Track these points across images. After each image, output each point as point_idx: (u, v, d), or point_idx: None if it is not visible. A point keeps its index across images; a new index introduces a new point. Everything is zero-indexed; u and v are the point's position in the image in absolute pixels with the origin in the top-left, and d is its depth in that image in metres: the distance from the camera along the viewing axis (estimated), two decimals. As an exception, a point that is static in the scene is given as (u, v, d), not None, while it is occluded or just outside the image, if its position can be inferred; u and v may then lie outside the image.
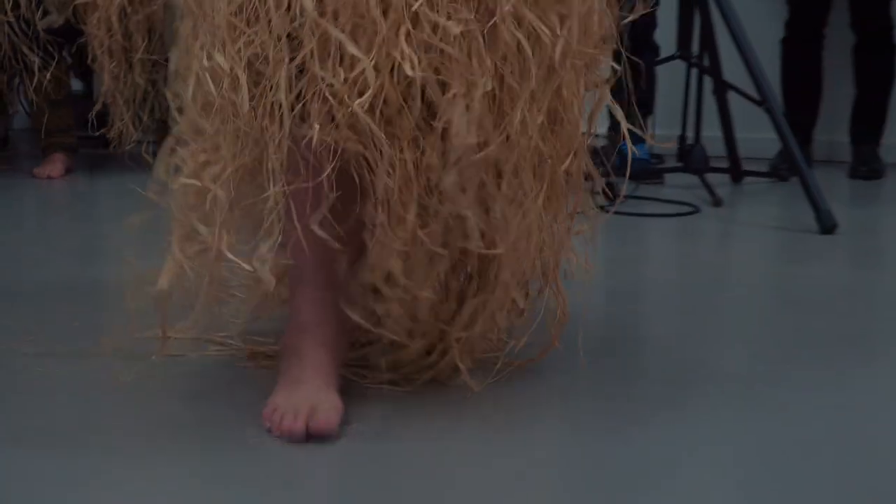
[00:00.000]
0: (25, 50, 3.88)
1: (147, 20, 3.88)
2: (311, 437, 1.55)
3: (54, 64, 3.95)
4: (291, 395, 1.62)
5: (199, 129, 1.69)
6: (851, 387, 1.85)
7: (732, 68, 3.57)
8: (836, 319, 2.31)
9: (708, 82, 3.80)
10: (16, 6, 3.83)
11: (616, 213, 1.99)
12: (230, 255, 1.65)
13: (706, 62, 3.73)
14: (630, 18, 1.83)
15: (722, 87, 3.77)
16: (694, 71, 3.79)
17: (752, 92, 3.44)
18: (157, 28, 3.89)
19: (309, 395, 1.61)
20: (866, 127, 4.35)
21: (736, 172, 3.93)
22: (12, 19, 3.85)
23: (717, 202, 3.49)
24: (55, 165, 4.10)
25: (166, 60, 3.87)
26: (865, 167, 4.25)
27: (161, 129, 4.21)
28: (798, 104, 4.28)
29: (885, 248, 3.25)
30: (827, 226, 3.15)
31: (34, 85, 3.96)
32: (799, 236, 3.18)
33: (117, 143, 4.01)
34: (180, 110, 1.73)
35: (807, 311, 2.37)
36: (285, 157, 1.59)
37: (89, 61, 4.03)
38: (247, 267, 1.65)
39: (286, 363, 1.68)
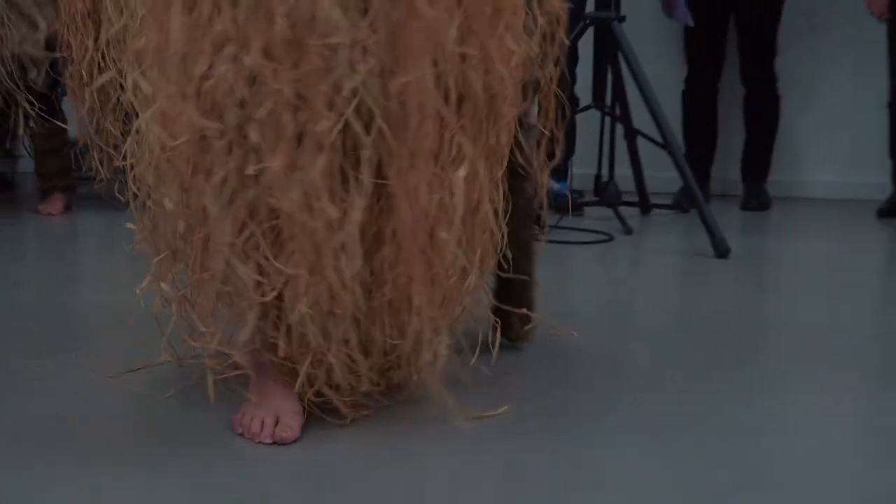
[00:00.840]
0: (24, 103, 3.77)
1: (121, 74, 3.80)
2: (278, 442, 1.56)
3: (46, 115, 3.84)
4: (259, 403, 1.62)
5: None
6: (751, 390, 1.88)
7: (640, 117, 3.57)
8: (731, 333, 2.32)
9: (619, 129, 3.83)
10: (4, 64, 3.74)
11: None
12: None
13: (618, 112, 3.74)
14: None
15: (632, 133, 3.81)
16: (607, 119, 3.79)
17: (658, 137, 3.42)
18: None
19: (274, 403, 1.61)
20: (755, 166, 4.40)
21: (644, 206, 3.95)
22: (5, 77, 3.76)
23: (628, 231, 3.51)
24: (55, 204, 4.03)
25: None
26: (755, 200, 4.28)
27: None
28: (697, 147, 4.32)
29: (772, 270, 3.28)
30: (721, 251, 3.17)
31: (31, 135, 3.91)
32: (698, 260, 3.20)
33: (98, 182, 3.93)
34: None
35: (705, 327, 2.38)
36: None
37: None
38: None
39: (254, 376, 1.66)
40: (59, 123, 4.00)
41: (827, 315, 2.52)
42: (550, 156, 1.93)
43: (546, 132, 1.95)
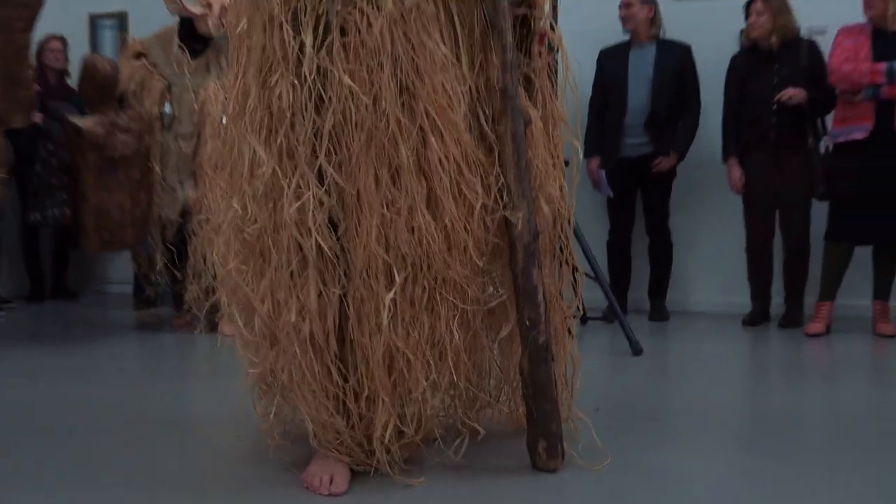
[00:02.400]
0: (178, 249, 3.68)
1: None
2: (332, 494, 1.59)
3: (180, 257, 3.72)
4: (319, 466, 1.64)
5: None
6: (661, 449, 1.93)
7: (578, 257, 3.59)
8: (645, 409, 2.36)
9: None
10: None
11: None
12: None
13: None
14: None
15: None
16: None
17: (591, 272, 3.46)
18: None
19: (329, 465, 1.64)
20: (658, 290, 4.38)
21: (583, 317, 3.92)
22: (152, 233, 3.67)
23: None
24: (184, 319, 3.86)
25: None
26: (657, 314, 4.28)
27: None
28: (617, 277, 4.32)
29: (672, 363, 3.29)
30: (637, 351, 3.20)
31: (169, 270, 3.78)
32: (620, 357, 3.20)
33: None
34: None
35: (627, 405, 2.40)
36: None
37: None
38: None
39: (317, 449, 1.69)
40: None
41: (711, 394, 2.56)
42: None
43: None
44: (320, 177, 1.53)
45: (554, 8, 2.46)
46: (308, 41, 1.51)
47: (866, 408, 2.41)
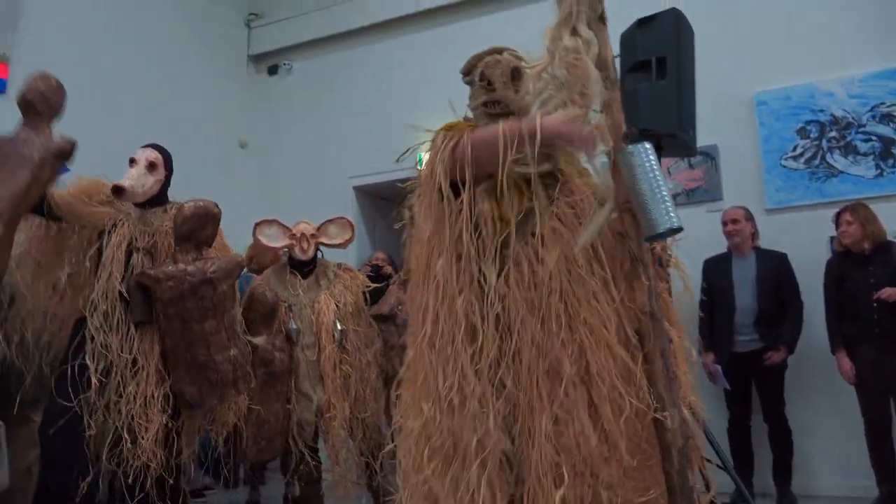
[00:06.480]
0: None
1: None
2: None
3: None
4: None
5: None
6: None
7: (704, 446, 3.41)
8: None
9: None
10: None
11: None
12: None
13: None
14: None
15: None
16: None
17: (716, 458, 3.29)
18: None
19: None
20: (781, 475, 4.08)
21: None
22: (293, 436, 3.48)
23: (706, 523, 3.22)
24: None
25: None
26: (785, 499, 3.96)
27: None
28: (742, 464, 4.06)
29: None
30: (773, 538, 2.91)
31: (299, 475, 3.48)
32: (759, 545, 2.92)
33: None
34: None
35: None
36: None
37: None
38: None
39: None
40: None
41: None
42: None
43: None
44: (498, 387, 1.57)
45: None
46: (492, 274, 1.61)
47: None
